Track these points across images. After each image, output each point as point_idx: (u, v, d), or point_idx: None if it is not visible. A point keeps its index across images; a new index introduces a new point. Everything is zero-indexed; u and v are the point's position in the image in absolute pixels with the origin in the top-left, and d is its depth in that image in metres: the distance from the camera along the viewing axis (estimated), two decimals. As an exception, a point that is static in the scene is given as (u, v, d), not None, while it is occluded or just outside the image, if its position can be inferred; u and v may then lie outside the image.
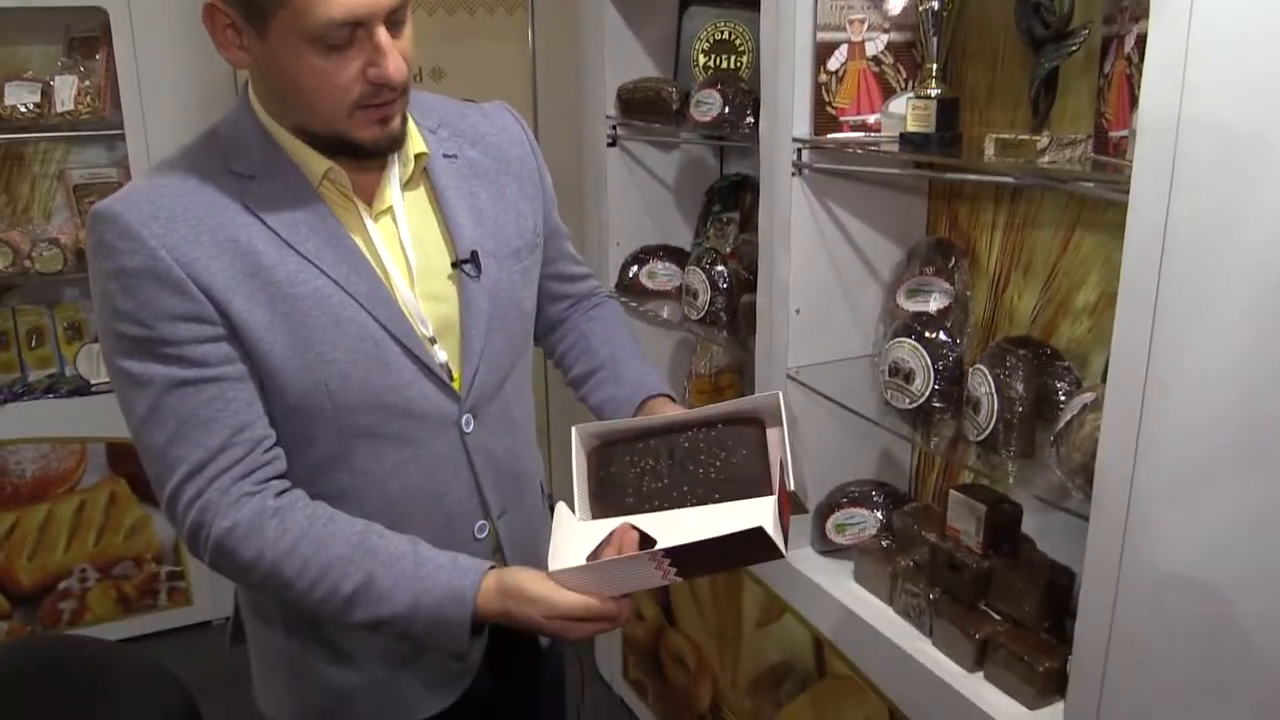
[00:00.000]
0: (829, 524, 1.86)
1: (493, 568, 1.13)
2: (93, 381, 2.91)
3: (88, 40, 2.85)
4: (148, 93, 2.72)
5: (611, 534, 1.14)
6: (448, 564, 1.12)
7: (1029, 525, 1.62)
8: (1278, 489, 1.09)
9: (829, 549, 1.88)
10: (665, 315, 2.30)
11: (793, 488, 1.16)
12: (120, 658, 1.97)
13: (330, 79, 1.03)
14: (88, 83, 2.77)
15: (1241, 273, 1.05)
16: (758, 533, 1.03)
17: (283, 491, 1.12)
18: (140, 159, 2.73)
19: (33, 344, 2.99)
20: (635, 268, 2.34)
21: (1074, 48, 1.34)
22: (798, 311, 1.78)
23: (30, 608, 2.95)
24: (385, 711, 1.29)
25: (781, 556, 1.08)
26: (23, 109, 2.73)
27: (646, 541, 1.13)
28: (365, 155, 1.12)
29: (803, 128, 1.70)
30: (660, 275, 2.33)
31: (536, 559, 1.35)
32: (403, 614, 1.09)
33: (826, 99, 1.68)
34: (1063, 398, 1.46)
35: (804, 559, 1.89)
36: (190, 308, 1.05)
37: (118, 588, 3.03)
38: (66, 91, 2.75)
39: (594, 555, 1.12)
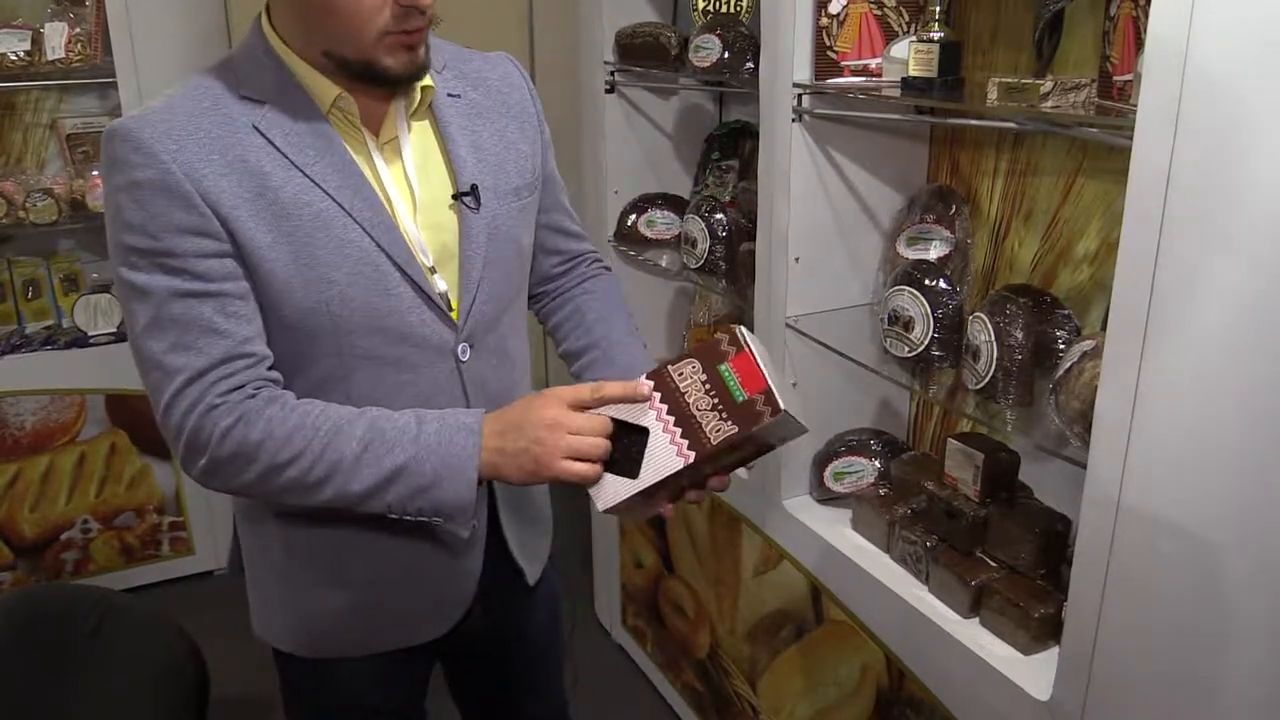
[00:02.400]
0: (827, 472, 1.86)
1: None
2: (90, 333, 2.90)
3: (78, -15, 2.81)
4: (140, 39, 2.67)
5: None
6: (446, 412, 1.15)
7: (1026, 473, 1.63)
8: (1276, 436, 1.09)
9: (827, 497, 1.89)
10: (664, 264, 2.29)
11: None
12: (124, 606, 1.99)
13: (361, 3, 1.06)
14: (78, 30, 2.73)
15: (1245, 220, 1.04)
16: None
17: (279, 396, 1.14)
18: (133, 107, 2.65)
19: (29, 296, 2.98)
20: (634, 216, 2.33)
21: (1079, -11, 1.31)
22: (797, 260, 1.77)
23: (33, 559, 2.97)
24: (378, 637, 1.33)
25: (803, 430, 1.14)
26: (13, 57, 2.69)
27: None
28: (393, 83, 1.14)
29: (803, 73, 1.67)
30: (659, 223, 2.31)
31: (527, 494, 1.39)
32: (413, 455, 1.11)
33: (827, 43, 1.65)
34: (1062, 346, 1.45)
35: (802, 507, 1.89)
36: (197, 222, 1.08)
37: (120, 538, 3.05)
38: (57, 39, 2.70)
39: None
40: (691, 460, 1.09)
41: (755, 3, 1.99)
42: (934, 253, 1.72)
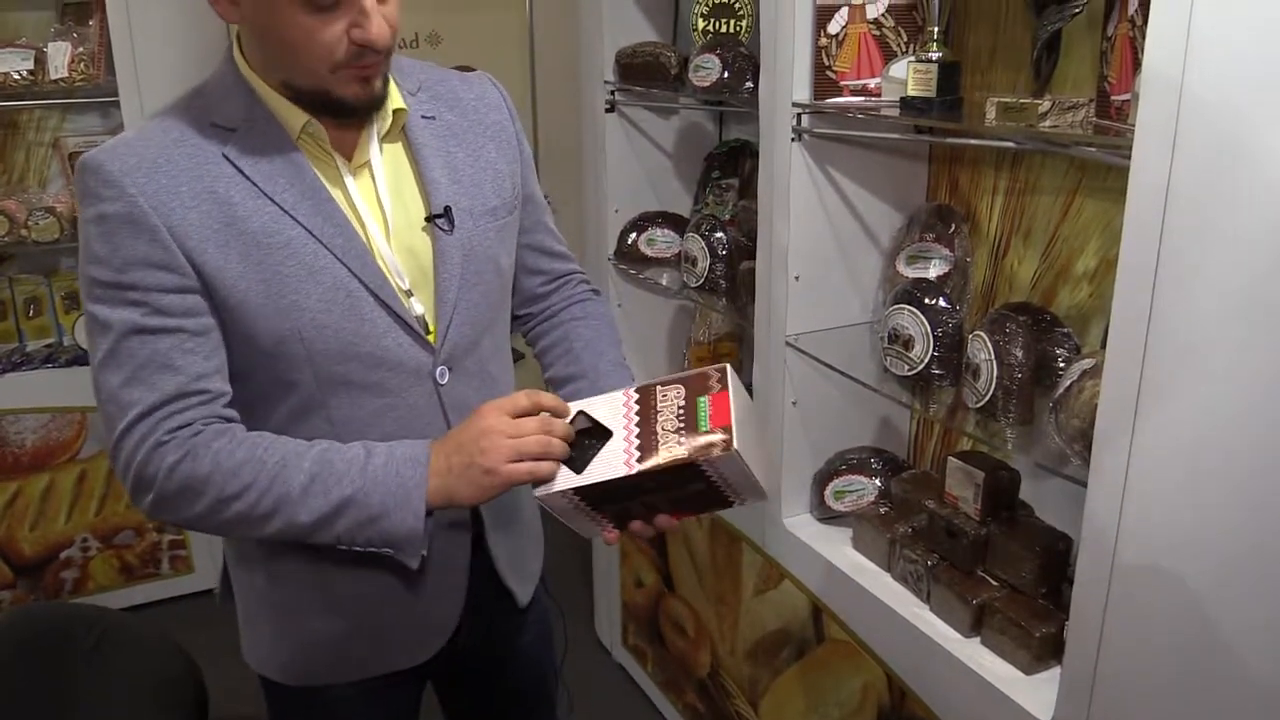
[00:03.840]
0: (828, 491, 1.86)
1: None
2: (91, 351, 2.90)
3: (81, 6, 2.82)
4: (142, 59, 2.69)
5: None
6: (395, 443, 1.15)
7: (1027, 492, 1.63)
8: (1275, 454, 1.09)
9: (827, 516, 1.88)
10: (664, 282, 2.30)
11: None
12: (123, 625, 1.99)
13: (315, 37, 1.06)
14: (81, 49, 2.74)
15: (1243, 239, 1.04)
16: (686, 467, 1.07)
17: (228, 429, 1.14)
18: (135, 125, 2.70)
19: (30, 313, 2.98)
20: (634, 234, 2.33)
21: (1077, 10, 1.32)
22: (797, 278, 1.78)
23: (33, 577, 2.97)
24: (367, 661, 1.32)
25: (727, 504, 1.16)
26: (16, 76, 2.70)
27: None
28: (347, 113, 1.15)
29: (802, 92, 1.68)
30: (659, 242, 2.32)
31: (515, 512, 1.39)
32: (360, 487, 1.11)
33: (826, 63, 1.66)
34: (1062, 364, 1.45)
35: (802, 525, 1.89)
36: (161, 256, 1.08)
37: (119, 556, 3.05)
38: (60, 58, 2.72)
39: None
40: (633, 471, 1.10)
41: (755, 23, 2.00)
42: (933, 271, 1.72)
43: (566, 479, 1.12)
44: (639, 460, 1.10)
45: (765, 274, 1.83)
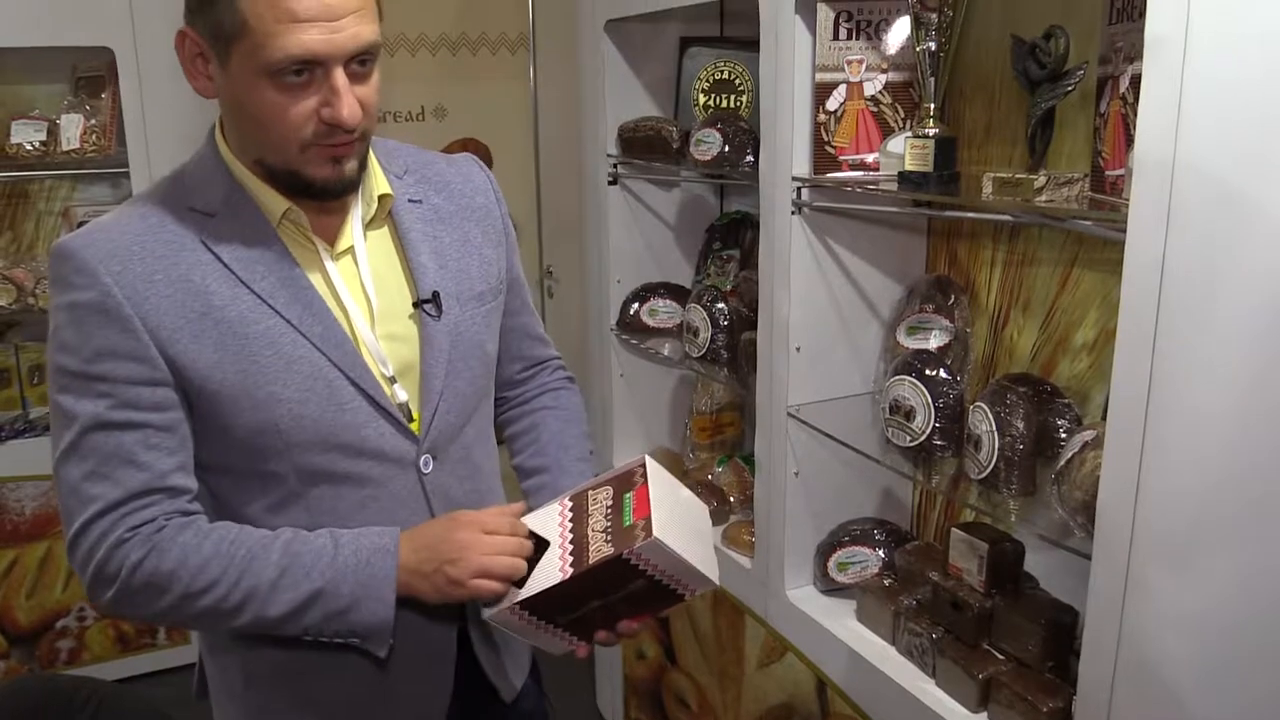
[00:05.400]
0: (831, 562, 1.85)
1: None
2: (94, 418, 2.90)
3: (94, 79, 2.88)
4: (152, 131, 2.74)
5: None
6: (362, 532, 1.14)
7: (1032, 563, 1.61)
8: (1278, 523, 1.09)
9: (831, 588, 1.87)
10: (666, 353, 2.31)
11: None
12: (117, 696, 1.96)
13: (285, 113, 1.05)
14: (93, 121, 2.80)
15: (1239, 310, 1.05)
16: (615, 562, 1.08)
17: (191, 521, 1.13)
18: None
19: (35, 381, 2.99)
20: (636, 305, 2.35)
21: (1069, 88, 1.35)
22: (798, 349, 1.78)
23: (28, 647, 2.93)
24: None
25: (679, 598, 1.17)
26: (29, 147, 2.75)
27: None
28: (317, 195, 1.13)
29: (802, 166, 1.71)
30: (661, 313, 2.33)
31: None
32: (330, 579, 1.10)
33: (825, 138, 1.69)
34: (1063, 435, 1.45)
35: (806, 598, 1.87)
36: (132, 346, 1.06)
37: (116, 626, 3.01)
38: (72, 130, 2.77)
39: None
40: (568, 577, 1.11)
41: (754, 98, 2.04)
42: (934, 342, 1.73)
43: (510, 595, 1.13)
44: (573, 565, 1.11)
45: (767, 344, 1.84)
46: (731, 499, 2.21)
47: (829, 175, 1.70)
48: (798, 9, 1.63)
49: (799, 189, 1.71)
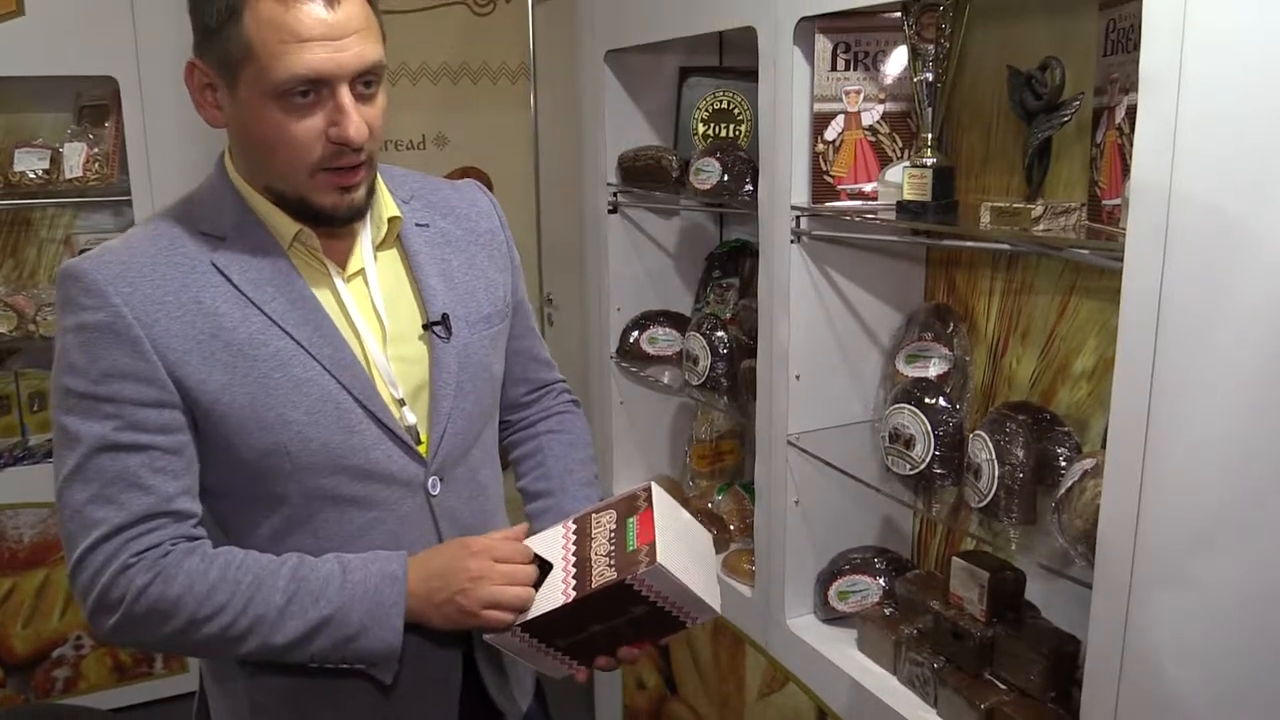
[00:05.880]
0: (831, 591, 1.84)
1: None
2: (93, 446, 2.90)
3: (98, 108, 2.90)
4: (155, 159, 2.76)
5: None
6: (370, 557, 1.14)
7: (1033, 592, 1.61)
8: (1278, 553, 1.08)
9: (832, 617, 1.86)
10: (666, 380, 2.31)
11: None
12: (113, 728, 1.95)
13: (292, 135, 1.06)
14: (96, 150, 2.81)
15: (1237, 338, 1.05)
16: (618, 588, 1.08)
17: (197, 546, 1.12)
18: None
19: (34, 408, 3.00)
20: (636, 333, 2.35)
21: (1065, 119, 1.36)
22: (798, 377, 1.79)
23: (24, 676, 2.92)
24: None
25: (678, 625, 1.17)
26: (32, 175, 2.77)
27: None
28: (326, 221, 1.14)
29: (801, 196, 1.72)
30: (661, 340, 2.34)
31: None
32: (339, 606, 1.10)
33: (824, 167, 1.70)
34: (1063, 463, 1.45)
35: (806, 627, 1.87)
36: (141, 368, 1.06)
37: (113, 655, 3.00)
38: (75, 158, 2.79)
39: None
40: (570, 600, 1.11)
41: (754, 128, 2.05)
42: (933, 370, 1.73)
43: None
44: (575, 589, 1.11)
45: (766, 373, 1.84)
46: (731, 527, 2.20)
47: (828, 204, 1.71)
48: (796, 40, 1.64)
49: (798, 218, 1.72)
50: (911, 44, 1.52)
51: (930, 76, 1.51)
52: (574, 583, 1.12)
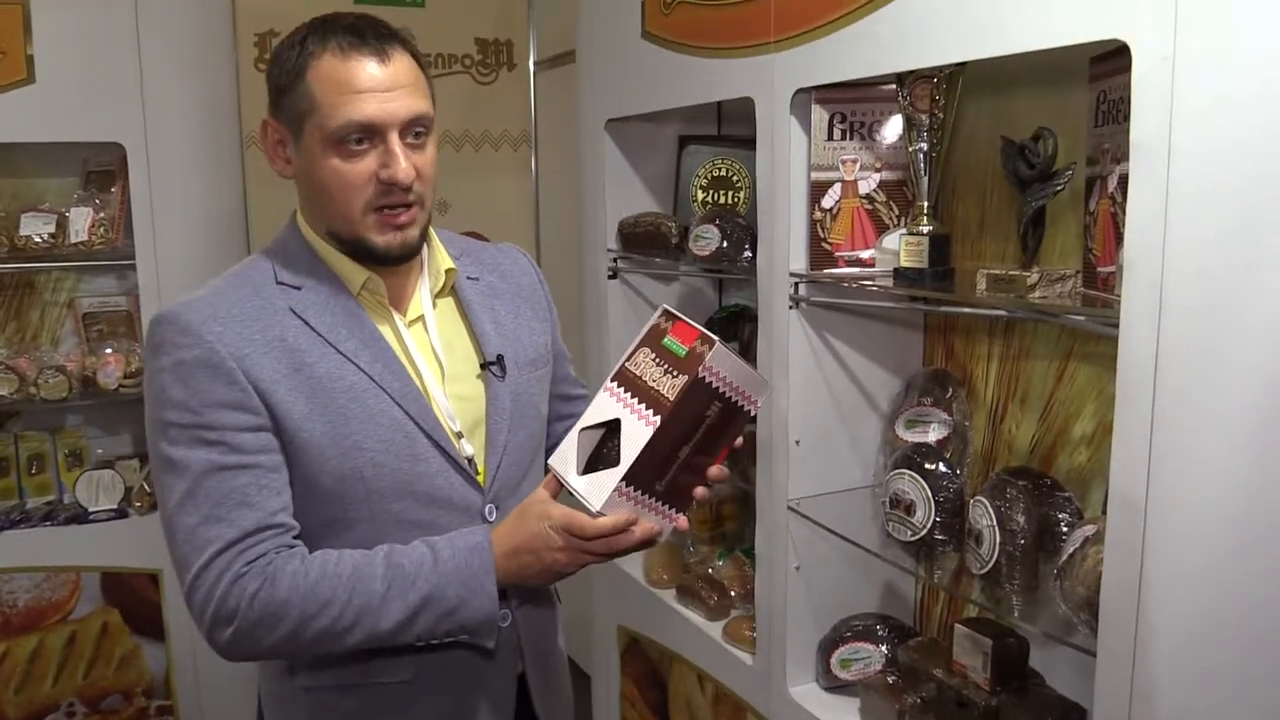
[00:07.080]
0: (833, 659, 1.82)
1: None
2: (91, 509, 2.88)
3: (104, 173, 2.93)
4: (161, 224, 2.78)
5: None
6: (454, 535, 1.22)
7: (1037, 659, 1.59)
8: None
9: (834, 685, 1.84)
10: (665, 444, 2.30)
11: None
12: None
13: (346, 177, 1.18)
14: (102, 214, 2.84)
15: (1233, 403, 1.06)
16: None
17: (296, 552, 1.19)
18: (150, 288, 2.76)
19: (33, 470, 2.98)
20: (636, 396, 2.35)
21: (1059, 187, 1.38)
22: (797, 442, 1.79)
23: (13, 744, 2.87)
24: None
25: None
26: (37, 239, 2.79)
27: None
28: (381, 260, 1.25)
29: (799, 262, 1.73)
30: (660, 404, 2.34)
31: (551, 651, 1.44)
32: (436, 584, 1.17)
33: (822, 235, 1.72)
34: (1065, 529, 1.45)
35: (808, 695, 1.84)
36: (238, 397, 1.15)
37: (105, 722, 2.95)
38: (81, 222, 2.81)
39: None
40: (659, 423, 1.13)
41: (752, 195, 2.08)
42: (933, 435, 1.73)
43: (610, 477, 1.15)
44: (655, 414, 1.15)
45: (766, 438, 1.84)
46: (732, 593, 2.18)
47: (826, 271, 1.73)
48: (793, 110, 1.68)
49: (796, 284, 1.73)
50: (907, 114, 1.55)
51: (925, 146, 1.54)
52: (651, 411, 1.15)
